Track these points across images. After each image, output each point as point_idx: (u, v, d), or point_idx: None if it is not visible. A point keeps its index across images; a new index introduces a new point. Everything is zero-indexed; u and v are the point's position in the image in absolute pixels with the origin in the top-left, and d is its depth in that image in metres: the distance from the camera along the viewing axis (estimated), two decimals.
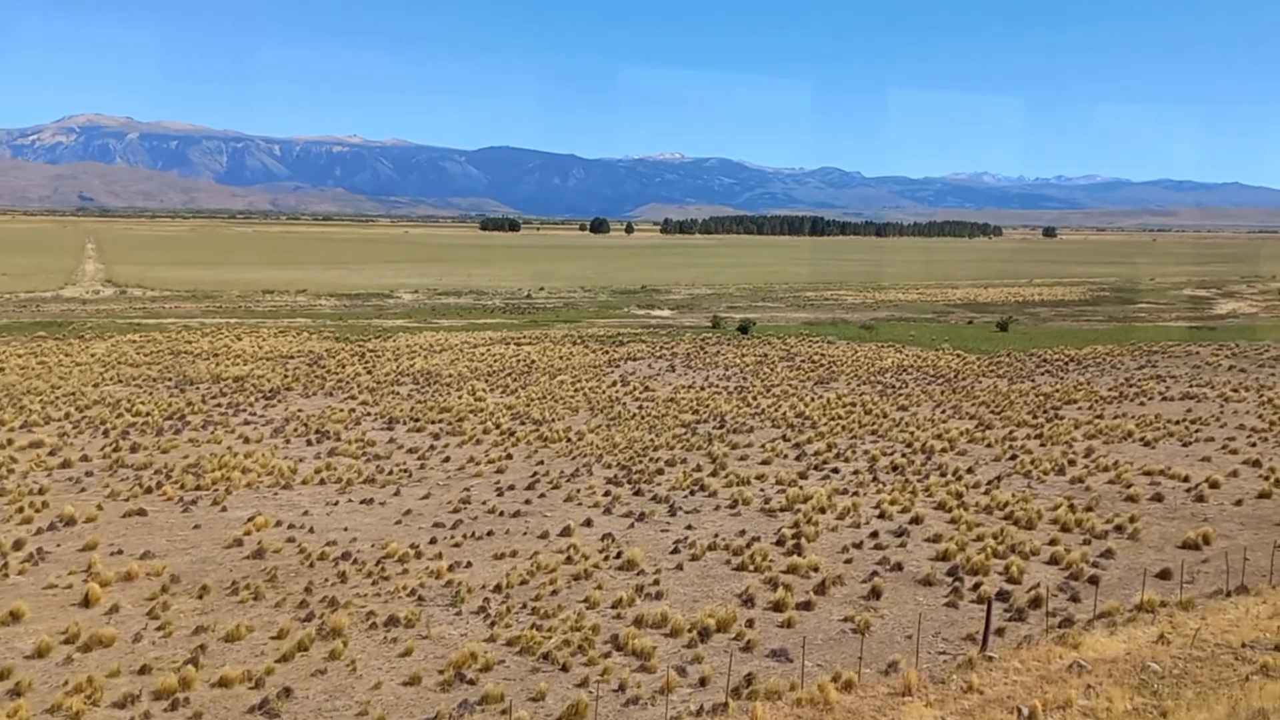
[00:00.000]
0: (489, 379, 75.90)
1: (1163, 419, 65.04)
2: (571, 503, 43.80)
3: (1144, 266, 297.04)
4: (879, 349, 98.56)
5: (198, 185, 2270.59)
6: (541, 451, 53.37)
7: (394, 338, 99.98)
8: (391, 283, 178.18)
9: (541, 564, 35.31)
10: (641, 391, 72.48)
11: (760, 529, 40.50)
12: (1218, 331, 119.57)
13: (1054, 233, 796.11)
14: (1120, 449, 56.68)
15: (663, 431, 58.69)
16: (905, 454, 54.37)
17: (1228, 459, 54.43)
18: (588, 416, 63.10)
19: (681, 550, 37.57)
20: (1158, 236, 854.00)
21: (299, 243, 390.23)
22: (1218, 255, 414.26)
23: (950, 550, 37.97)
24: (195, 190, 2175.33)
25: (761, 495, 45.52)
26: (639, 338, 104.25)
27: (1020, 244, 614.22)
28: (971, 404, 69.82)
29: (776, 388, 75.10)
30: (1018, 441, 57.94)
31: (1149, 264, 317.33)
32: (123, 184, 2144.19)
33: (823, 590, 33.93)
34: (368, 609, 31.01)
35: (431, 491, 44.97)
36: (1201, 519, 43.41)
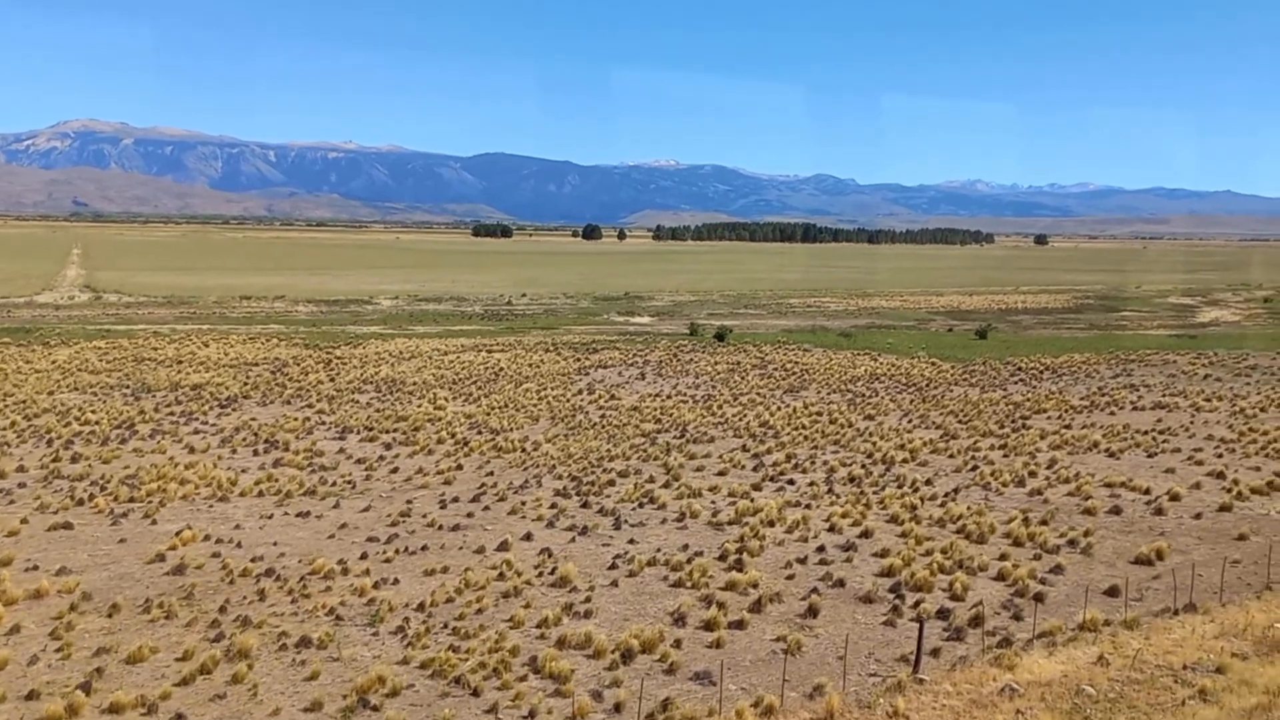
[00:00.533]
0: (453, 387, 74.86)
1: (1131, 429, 64.17)
2: (515, 516, 42.78)
3: (1132, 274, 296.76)
4: (854, 357, 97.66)
5: (192, 191, 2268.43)
6: (494, 462, 52.35)
7: (365, 344, 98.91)
8: (373, 289, 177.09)
9: (471, 581, 34.27)
10: (607, 400, 71.48)
11: (705, 543, 39.50)
12: (1198, 340, 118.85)
13: (1045, 240, 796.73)
14: (1084, 460, 55.78)
15: (621, 441, 57.69)
16: (865, 465, 53.42)
17: (1192, 470, 53.55)
18: (548, 426, 62.08)
19: (619, 566, 36.56)
20: (1148, 244, 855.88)
21: (287, 248, 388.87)
22: (1207, 263, 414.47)
23: (896, 566, 36.99)
24: (190, 196, 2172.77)
25: (712, 508, 44.53)
26: (614, 345, 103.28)
27: (1011, 251, 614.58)
28: (940, 413, 68.91)
29: (744, 396, 74.14)
30: (981, 452, 57.02)
31: (1138, 272, 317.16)
32: (117, 189, 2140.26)
33: (759, 608, 32.94)
34: (282, 629, 29.95)
35: (373, 504, 43.91)
36: (1158, 533, 42.51)
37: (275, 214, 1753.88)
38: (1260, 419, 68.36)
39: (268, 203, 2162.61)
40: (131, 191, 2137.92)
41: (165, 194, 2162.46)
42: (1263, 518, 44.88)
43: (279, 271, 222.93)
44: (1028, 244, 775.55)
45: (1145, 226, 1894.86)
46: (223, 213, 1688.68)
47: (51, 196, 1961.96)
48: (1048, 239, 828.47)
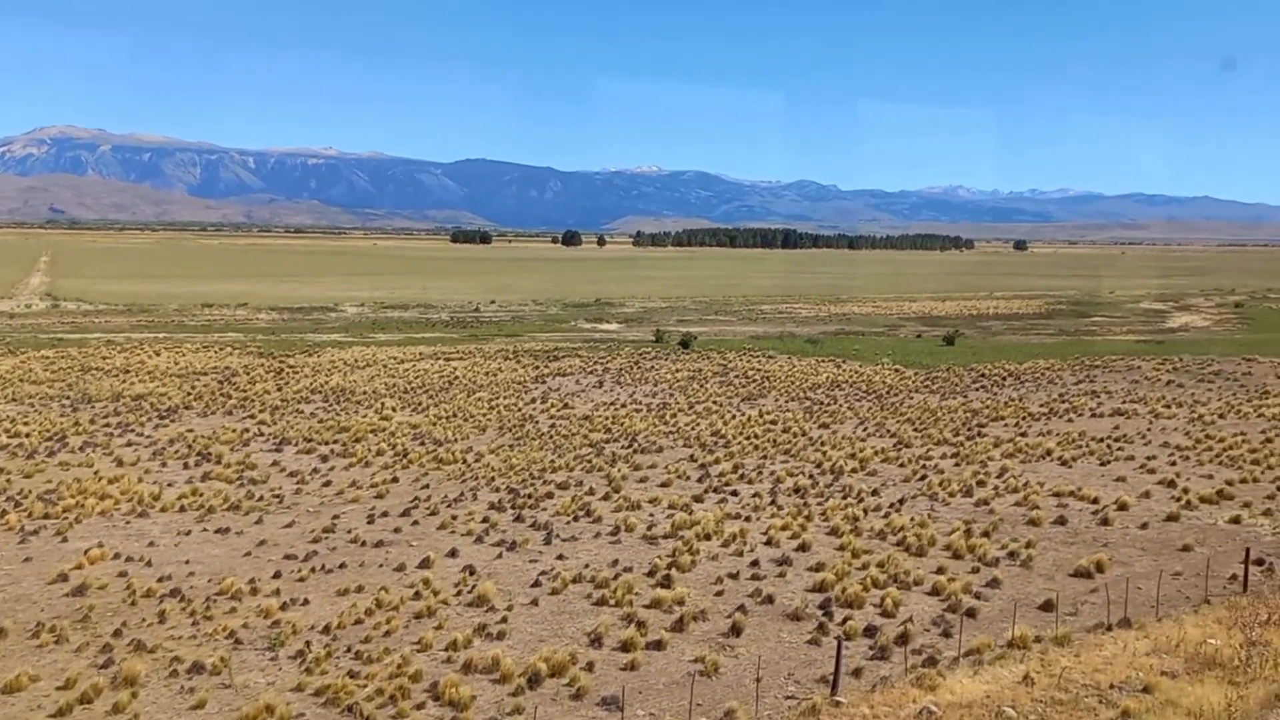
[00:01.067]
0: (403, 396, 73.56)
1: (1087, 436, 63.46)
2: (445, 530, 41.58)
3: (1108, 280, 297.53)
4: (818, 364, 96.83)
5: (171, 197, 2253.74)
6: (432, 474, 51.11)
7: (321, 353, 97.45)
8: (341, 295, 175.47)
9: (385, 601, 33.03)
10: (560, 409, 70.35)
11: (636, 559, 38.39)
12: (1165, 345, 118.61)
13: (1025, 246, 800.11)
14: (1036, 469, 54.99)
15: (567, 452, 56.56)
16: (813, 475, 52.45)
17: (1144, 479, 52.82)
18: (494, 436, 60.90)
19: (543, 583, 35.40)
20: (1126, 250, 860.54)
21: (260, 255, 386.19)
22: (1183, 268, 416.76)
23: (829, 581, 35.95)
24: (168, 203, 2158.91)
25: (649, 521, 43.42)
26: (576, 352, 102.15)
27: (990, 257, 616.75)
28: (896, 421, 68.05)
29: (700, 405, 73.13)
30: (932, 461, 56.15)
31: (1114, 277, 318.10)
32: (94, 196, 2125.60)
33: (681, 627, 31.84)
34: (176, 654, 28.63)
35: (298, 519, 42.61)
36: (1101, 544, 41.65)
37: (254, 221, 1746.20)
38: (1218, 425, 67.79)
39: (247, 209, 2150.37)
40: (109, 198, 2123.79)
41: (143, 201, 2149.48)
42: (1209, 528, 44.11)
43: (247, 279, 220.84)
44: (1007, 249, 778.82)
45: (1124, 232, 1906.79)
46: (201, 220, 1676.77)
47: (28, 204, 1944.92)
48: (1027, 244, 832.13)
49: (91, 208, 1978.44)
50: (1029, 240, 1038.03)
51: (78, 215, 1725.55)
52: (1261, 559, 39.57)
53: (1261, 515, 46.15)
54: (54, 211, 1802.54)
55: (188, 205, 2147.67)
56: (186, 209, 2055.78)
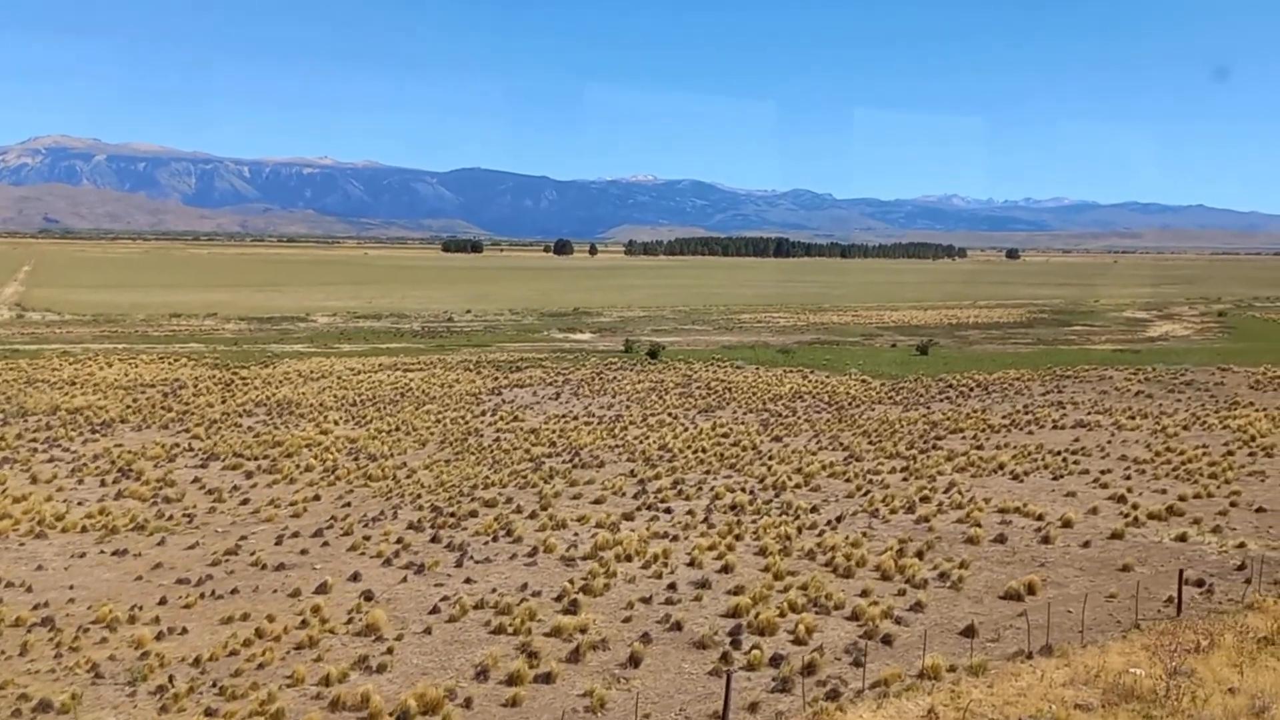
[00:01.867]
0: (349, 409, 71.85)
1: (1045, 449, 61.91)
2: (354, 552, 39.88)
3: (1095, 288, 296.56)
4: (785, 374, 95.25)
5: (165, 207, 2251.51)
6: (358, 491, 49.44)
7: (279, 364, 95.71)
8: (316, 305, 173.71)
9: (268, 630, 31.33)
10: (510, 422, 68.70)
11: (548, 582, 36.72)
12: (1141, 355, 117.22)
13: (1017, 254, 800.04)
14: (986, 483, 53.42)
15: (506, 467, 54.89)
16: (754, 491, 50.83)
17: (1095, 493, 51.27)
18: (434, 451, 59.23)
19: (442, 610, 33.72)
20: (1119, 258, 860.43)
21: (246, 265, 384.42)
22: (1172, 277, 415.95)
23: (744, 605, 34.29)
24: (163, 212, 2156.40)
25: (571, 541, 41.76)
26: (541, 363, 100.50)
27: (981, 266, 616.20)
28: (852, 434, 66.47)
29: (655, 417, 71.50)
30: (880, 476, 54.55)
31: (1102, 285, 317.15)
32: (89, 206, 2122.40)
33: (577, 658, 30.17)
34: (26, 690, 26.91)
35: (203, 540, 40.89)
36: (1039, 564, 40.08)
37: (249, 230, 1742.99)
38: (1180, 438, 66.27)
39: (242, 219, 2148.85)
40: (104, 208, 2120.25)
41: (138, 210, 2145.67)
42: (1154, 546, 42.55)
43: (225, 288, 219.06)
44: (1000, 258, 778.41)
45: (1119, 240, 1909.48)
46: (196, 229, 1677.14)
47: (22, 213, 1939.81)
48: (1020, 253, 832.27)
49: (86, 217, 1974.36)
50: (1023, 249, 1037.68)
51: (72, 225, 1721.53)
52: (1202, 580, 38.01)
53: (1210, 533, 44.60)
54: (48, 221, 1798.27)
55: (183, 215, 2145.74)
56: (181, 219, 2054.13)
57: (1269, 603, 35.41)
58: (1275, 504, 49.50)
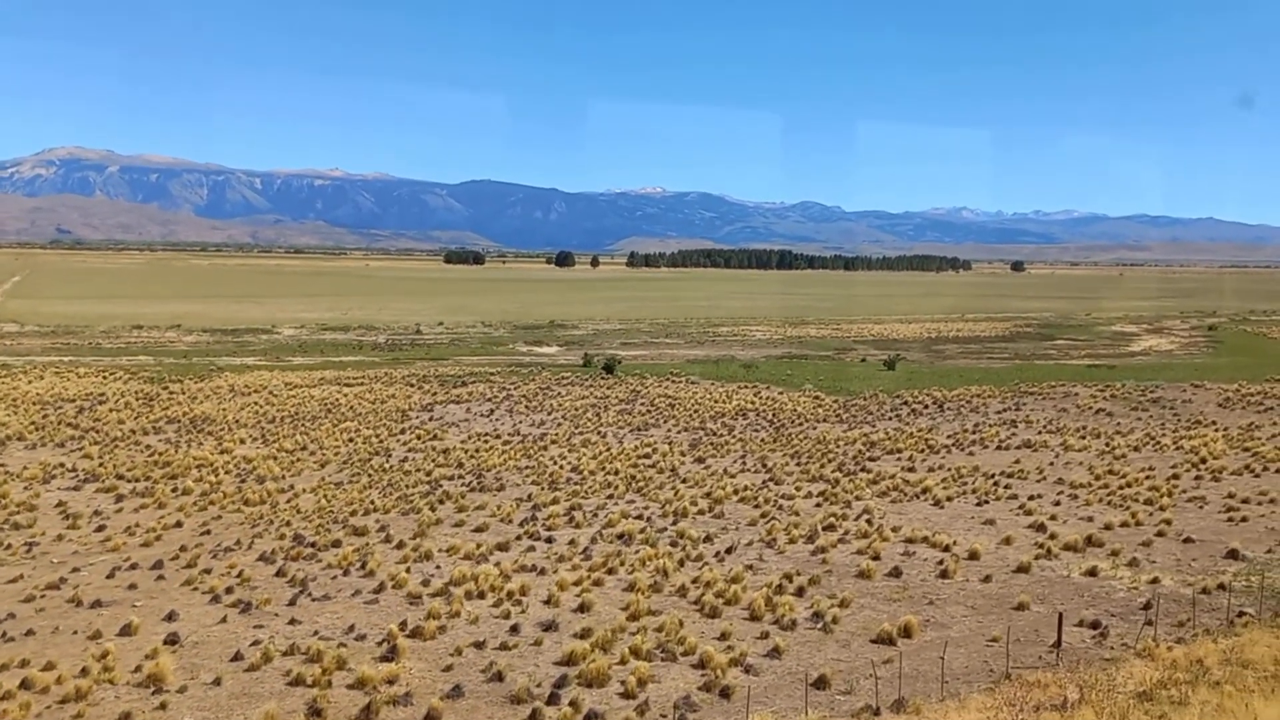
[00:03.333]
0: (264, 426, 69.09)
1: (980, 472, 58.84)
2: (188, 587, 37.04)
3: (1093, 301, 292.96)
4: (737, 390, 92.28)
5: (177, 218, 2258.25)
6: (228, 517, 46.62)
7: (218, 377, 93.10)
8: (290, 317, 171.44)
9: (38, 680, 28.39)
10: (427, 440, 65.90)
11: (381, 623, 33.78)
12: (1117, 370, 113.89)
13: (1022, 267, 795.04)
14: (904, 509, 50.35)
15: (398, 491, 52.04)
16: (652, 518, 47.86)
17: (1016, 521, 48.17)
18: (332, 472, 56.42)
19: (245, 656, 30.74)
20: (1125, 271, 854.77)
21: (239, 276, 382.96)
22: (1175, 290, 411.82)
23: (582, 652, 31.27)
24: (175, 223, 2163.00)
25: (427, 575, 38.81)
26: (490, 378, 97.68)
27: (984, 278, 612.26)
28: (782, 454, 63.46)
29: (582, 435, 68.60)
30: (794, 501, 51.54)
31: (1099, 299, 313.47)
32: (101, 217, 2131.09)
33: (368, 716, 27.19)
34: None
35: (29, 573, 38.07)
36: (928, 601, 37.03)
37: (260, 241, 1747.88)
38: (1128, 460, 63.14)
39: (253, 230, 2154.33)
40: (116, 219, 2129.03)
41: (150, 221, 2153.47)
42: (1060, 581, 39.44)
43: (203, 299, 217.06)
44: (1005, 270, 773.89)
45: (1128, 253, 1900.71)
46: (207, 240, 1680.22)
47: (34, 224, 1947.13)
48: (1024, 265, 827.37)
49: (98, 228, 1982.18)
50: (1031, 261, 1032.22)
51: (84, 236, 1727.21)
52: (1098, 621, 34.90)
53: (1125, 566, 41.47)
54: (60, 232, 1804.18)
55: (194, 226, 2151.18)
56: (193, 229, 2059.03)
57: (1162, 650, 32.28)
58: (1206, 534, 46.33)
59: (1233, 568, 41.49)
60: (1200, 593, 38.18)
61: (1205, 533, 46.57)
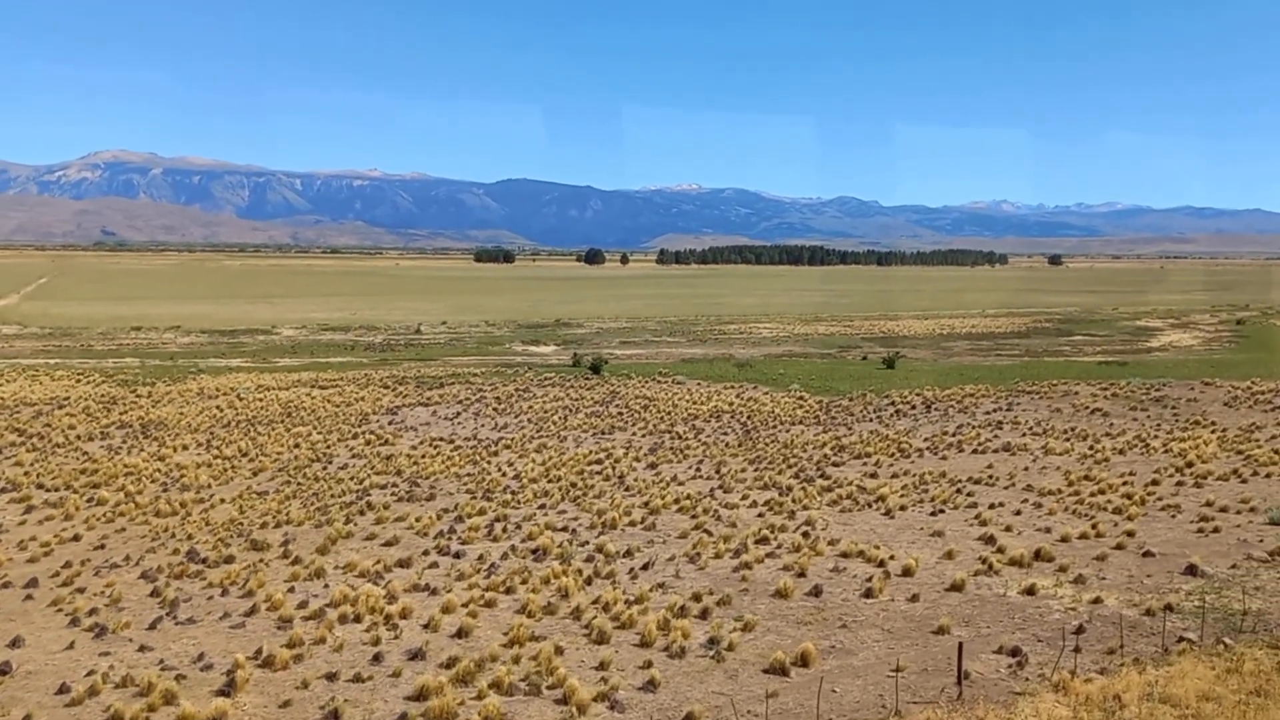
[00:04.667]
0: (213, 431, 67.25)
1: (947, 478, 55.69)
2: (53, 609, 34.92)
3: (1125, 295, 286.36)
4: (722, 390, 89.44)
5: (219, 219, 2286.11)
6: (132, 530, 44.60)
7: (194, 379, 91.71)
8: (297, 317, 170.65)
9: None
10: (377, 445, 63.78)
11: (237, 649, 31.40)
12: (1128, 367, 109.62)
13: (1060, 261, 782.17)
14: (852, 520, 47.37)
15: (322, 501, 49.81)
16: (576, 530, 45.28)
17: (967, 532, 45.06)
18: (264, 480, 54.36)
19: (72, 689, 28.46)
20: (1167, 264, 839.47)
21: (264, 276, 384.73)
22: (1215, 283, 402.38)
23: (436, 686, 28.65)
24: (217, 224, 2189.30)
25: (308, 596, 36.43)
26: (471, 379, 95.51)
27: (1019, 272, 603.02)
28: (743, 459, 60.62)
29: (540, 439, 66.12)
30: (736, 510, 48.74)
31: (1133, 292, 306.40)
32: (145, 219, 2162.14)
33: None
34: None
35: None
36: (841, 624, 34.13)
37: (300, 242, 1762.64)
38: (1110, 464, 59.68)
39: (293, 231, 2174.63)
40: (159, 220, 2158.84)
41: (193, 223, 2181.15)
42: (993, 600, 36.37)
43: (216, 300, 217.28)
44: (1041, 264, 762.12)
45: (1173, 246, 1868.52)
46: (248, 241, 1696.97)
47: (81, 226, 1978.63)
48: (1062, 259, 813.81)
49: (142, 230, 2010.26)
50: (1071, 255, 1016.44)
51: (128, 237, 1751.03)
52: (1018, 648, 31.80)
53: (1071, 583, 38.27)
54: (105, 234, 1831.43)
55: (236, 227, 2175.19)
56: (235, 231, 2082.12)
57: (1078, 682, 29.18)
58: (1170, 546, 42.95)
59: (1189, 585, 38.22)
60: (1144, 614, 35.00)
61: (1169, 545, 43.19)
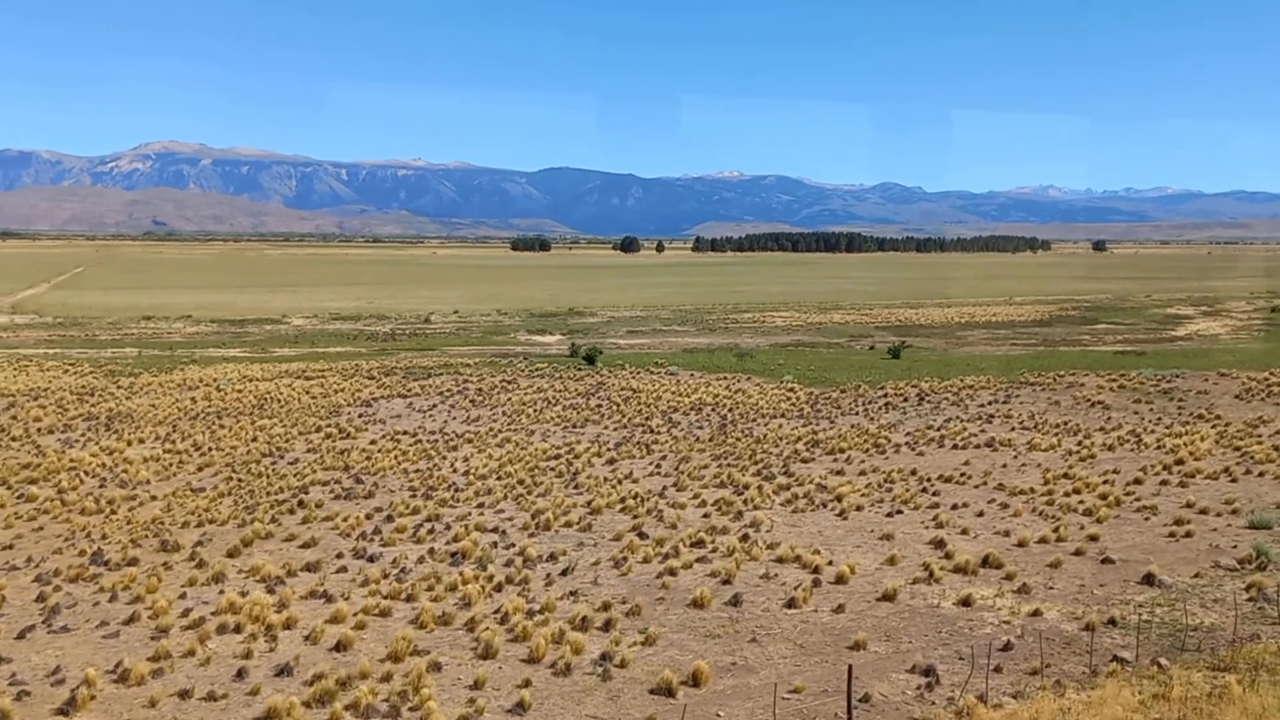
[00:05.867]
0: (178, 424, 65.99)
1: (916, 475, 53.11)
2: None
3: (1163, 281, 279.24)
4: (713, 381, 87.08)
5: (267, 209, 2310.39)
6: (52, 528, 43.23)
7: (181, 370, 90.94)
8: (313, 306, 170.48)
9: None
10: (338, 439, 62.25)
11: (99, 662, 29.71)
12: (1145, 357, 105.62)
13: (1104, 246, 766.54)
14: (802, 520, 44.98)
15: (252, 499, 48.22)
16: (506, 531, 43.30)
17: (920, 535, 42.55)
18: (208, 476, 52.92)
19: None
20: (1214, 249, 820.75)
21: (296, 265, 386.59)
22: (1262, 268, 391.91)
23: (285, 707, 26.50)
24: (264, 214, 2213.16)
25: (198, 603, 34.70)
26: (459, 370, 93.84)
27: (1059, 259, 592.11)
28: (709, 455, 58.31)
29: (507, 433, 64.19)
30: (683, 511, 46.48)
31: (1173, 279, 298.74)
32: (194, 208, 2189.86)
33: None
34: None
35: None
36: (751, 638, 31.88)
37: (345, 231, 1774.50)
38: (1096, 461, 56.80)
39: (339, 220, 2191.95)
40: (208, 210, 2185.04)
41: (241, 213, 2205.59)
42: (925, 612, 33.91)
43: (238, 289, 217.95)
44: (1086, 250, 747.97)
45: (1225, 231, 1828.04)
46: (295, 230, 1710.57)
47: (132, 216, 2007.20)
48: (1106, 245, 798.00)
49: (191, 220, 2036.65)
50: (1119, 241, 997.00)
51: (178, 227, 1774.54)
52: (931, 667, 29.38)
53: (1013, 593, 35.70)
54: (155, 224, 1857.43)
55: (283, 217, 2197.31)
56: (282, 220, 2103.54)
57: (985, 709, 26.70)
58: (1134, 552, 40.17)
59: (1142, 596, 35.53)
60: (1083, 629, 32.40)
61: (1134, 551, 40.39)
